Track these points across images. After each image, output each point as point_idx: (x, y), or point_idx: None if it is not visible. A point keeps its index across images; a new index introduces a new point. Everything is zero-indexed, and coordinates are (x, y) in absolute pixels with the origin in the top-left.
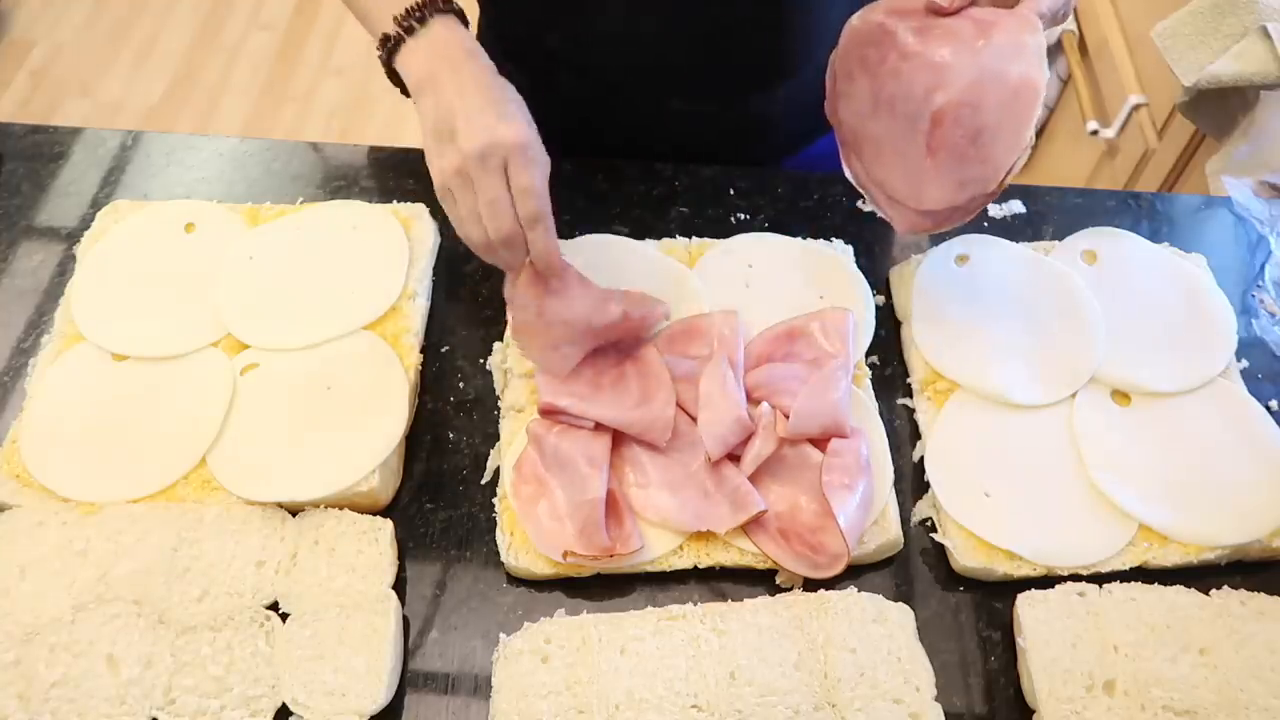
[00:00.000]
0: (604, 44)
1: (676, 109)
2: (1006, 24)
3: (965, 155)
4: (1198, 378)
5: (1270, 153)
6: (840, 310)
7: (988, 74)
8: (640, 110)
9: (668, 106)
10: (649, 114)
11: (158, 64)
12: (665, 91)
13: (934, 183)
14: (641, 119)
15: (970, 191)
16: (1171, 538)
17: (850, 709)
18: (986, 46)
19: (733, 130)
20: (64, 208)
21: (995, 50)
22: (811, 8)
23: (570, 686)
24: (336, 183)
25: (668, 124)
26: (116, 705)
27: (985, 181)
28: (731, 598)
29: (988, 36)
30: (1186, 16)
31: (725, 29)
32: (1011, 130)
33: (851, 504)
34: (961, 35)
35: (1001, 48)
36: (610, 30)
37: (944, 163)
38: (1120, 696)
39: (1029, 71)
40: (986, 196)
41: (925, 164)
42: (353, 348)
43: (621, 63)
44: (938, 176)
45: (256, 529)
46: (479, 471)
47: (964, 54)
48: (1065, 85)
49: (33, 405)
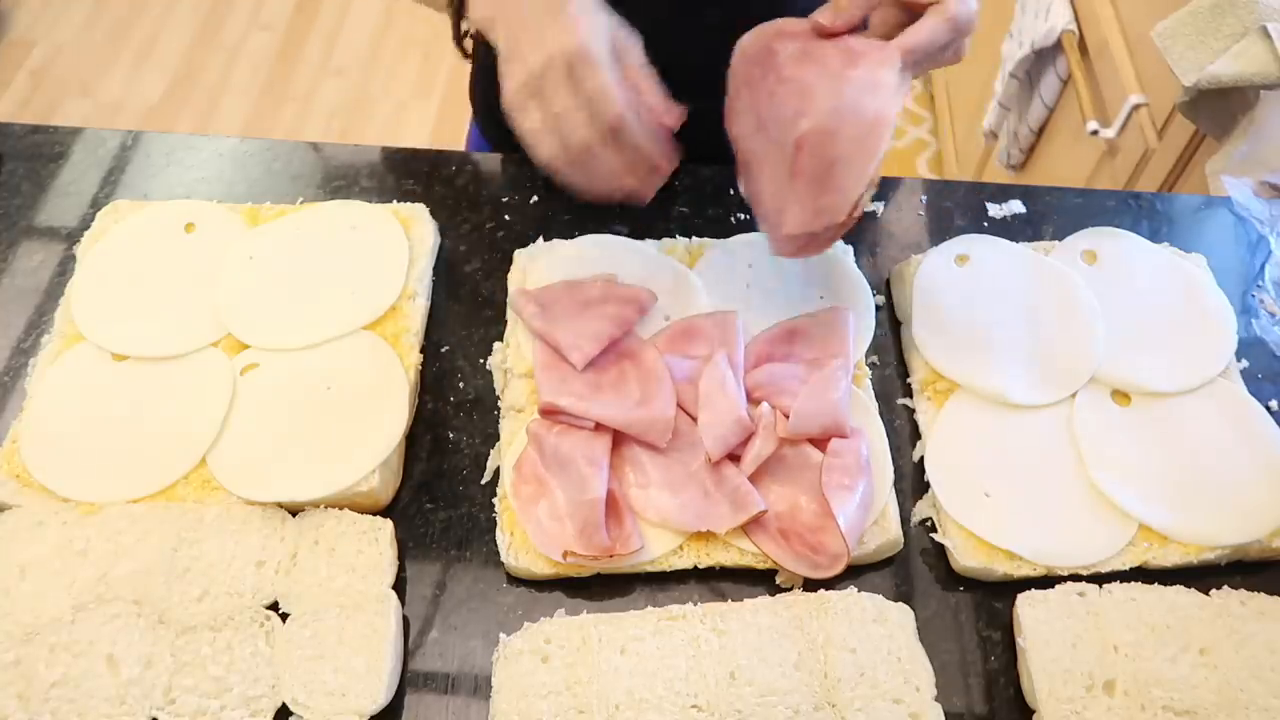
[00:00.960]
0: None
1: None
2: (870, 57)
3: (821, 182)
4: (1198, 378)
5: (1270, 153)
6: (840, 309)
7: (846, 105)
8: None
9: None
10: None
11: (158, 64)
12: (673, 90)
13: (794, 206)
14: None
15: (824, 220)
16: (1171, 538)
17: (850, 709)
18: (849, 77)
19: None
20: (64, 208)
21: (856, 82)
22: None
23: (570, 686)
24: (336, 183)
25: None
26: (116, 705)
27: (836, 211)
28: (731, 598)
29: (853, 67)
30: (1186, 16)
31: (725, 27)
32: (860, 163)
33: (851, 504)
34: (829, 64)
35: (862, 80)
36: None
37: (803, 188)
38: (1120, 696)
39: (882, 107)
40: (839, 227)
41: (788, 188)
42: (353, 348)
43: None
44: (797, 201)
45: (256, 529)
46: (479, 471)
47: (828, 82)
48: (1065, 85)
49: (33, 405)
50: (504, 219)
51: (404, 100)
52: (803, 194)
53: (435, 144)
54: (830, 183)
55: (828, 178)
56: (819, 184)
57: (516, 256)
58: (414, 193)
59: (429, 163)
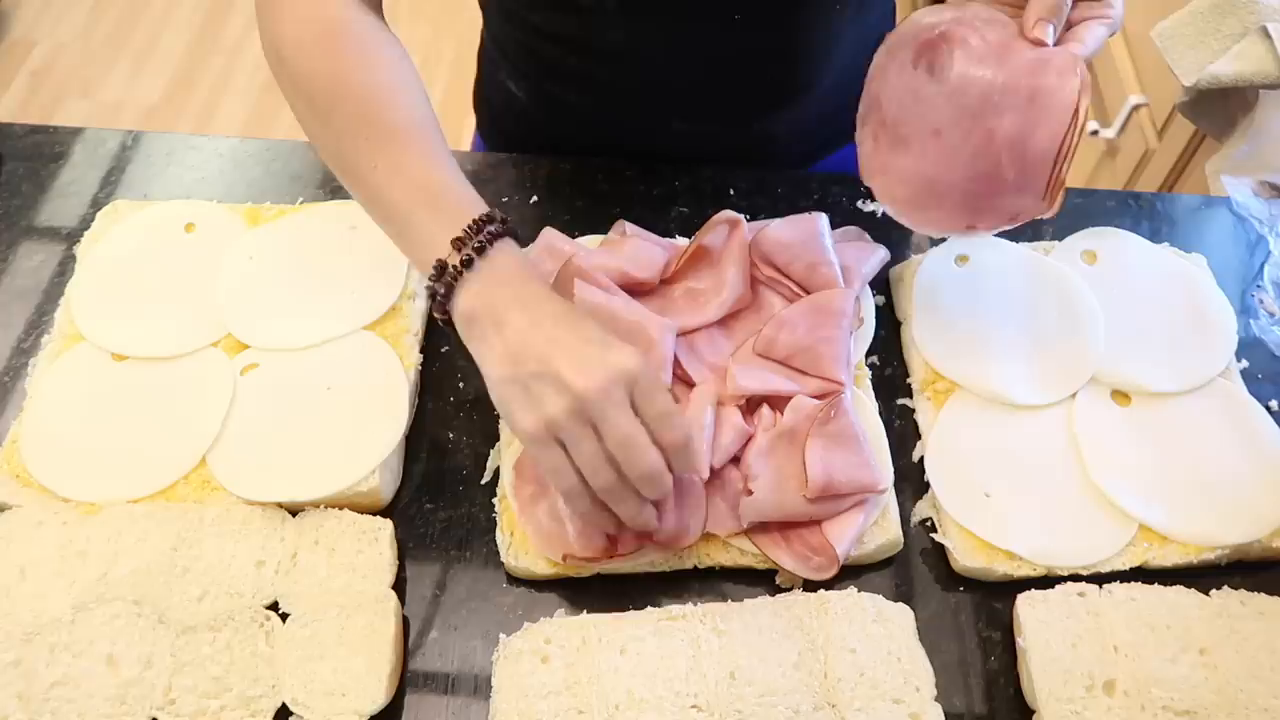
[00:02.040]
0: (605, 63)
1: (678, 129)
2: (1057, 63)
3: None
4: (1198, 378)
5: (1270, 153)
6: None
7: (1039, 109)
8: (641, 127)
9: (669, 126)
10: (650, 131)
11: (158, 64)
12: (667, 112)
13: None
14: (643, 135)
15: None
16: (1171, 538)
17: (850, 709)
18: (1042, 86)
19: (736, 150)
20: (64, 208)
21: (1047, 90)
22: (817, 36)
23: (570, 686)
24: (336, 183)
25: (669, 141)
26: (116, 705)
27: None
28: (731, 598)
29: (1043, 75)
30: (1186, 16)
31: (729, 55)
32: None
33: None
34: (1021, 63)
35: (1053, 88)
36: (611, 50)
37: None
38: (1120, 696)
39: (1065, 113)
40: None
41: (960, 170)
42: (353, 348)
43: (622, 83)
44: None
45: (256, 529)
46: (479, 471)
47: (1024, 81)
48: None
49: (33, 405)
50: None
51: None
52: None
53: None
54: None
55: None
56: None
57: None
58: None
59: None
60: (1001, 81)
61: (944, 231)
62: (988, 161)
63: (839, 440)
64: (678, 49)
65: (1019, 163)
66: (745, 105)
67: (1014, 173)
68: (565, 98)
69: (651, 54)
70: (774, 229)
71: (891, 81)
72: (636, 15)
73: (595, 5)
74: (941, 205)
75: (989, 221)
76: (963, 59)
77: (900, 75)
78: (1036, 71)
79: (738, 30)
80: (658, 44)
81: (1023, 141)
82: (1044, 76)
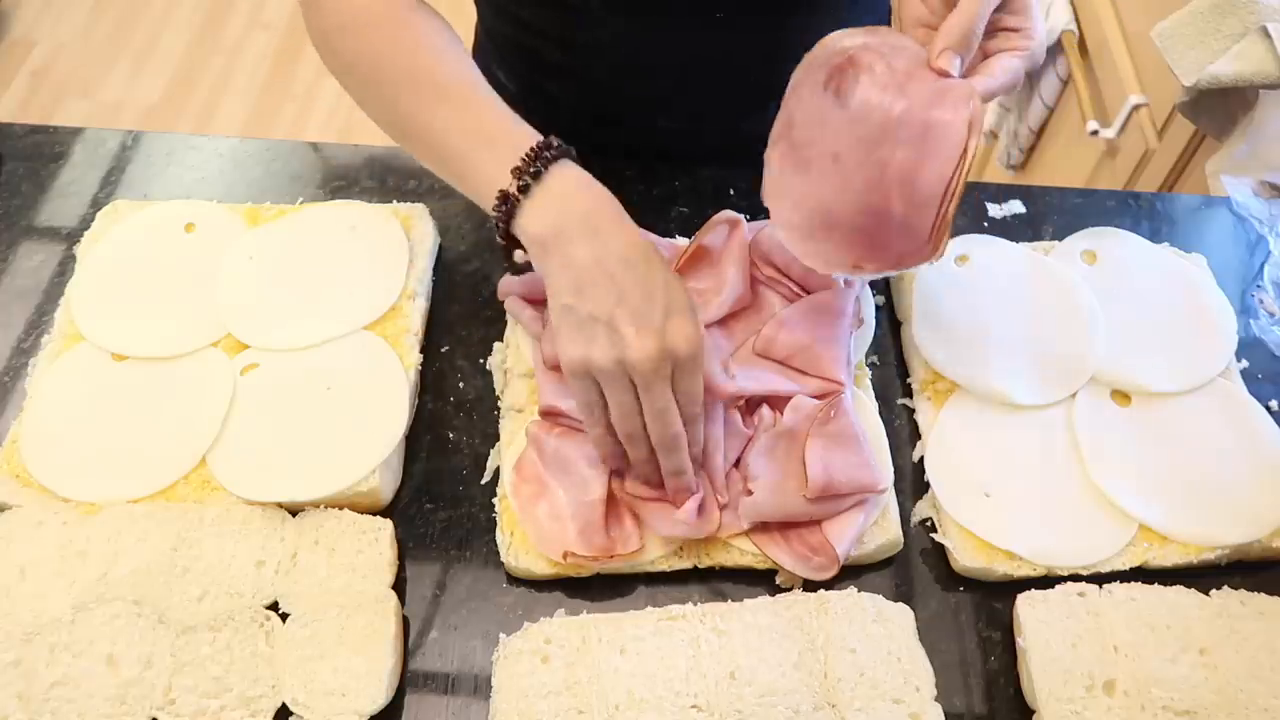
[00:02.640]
0: (589, 59)
1: (665, 126)
2: (954, 95)
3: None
4: (1198, 378)
5: (1270, 153)
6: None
7: (930, 146)
8: (628, 124)
9: (655, 123)
10: (639, 128)
11: (158, 64)
12: (652, 109)
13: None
14: (630, 132)
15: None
16: (1171, 538)
17: (850, 709)
18: (935, 119)
19: (725, 148)
20: (64, 208)
21: (940, 124)
22: (803, 37)
23: (570, 686)
24: (336, 183)
25: (657, 139)
26: (116, 705)
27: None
28: (731, 598)
29: (939, 107)
30: (1186, 16)
31: (712, 54)
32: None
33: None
34: (918, 96)
35: (946, 122)
36: (595, 46)
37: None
38: (1120, 696)
39: (955, 149)
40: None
41: (852, 200)
42: (353, 348)
43: (607, 80)
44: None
45: (256, 529)
46: (479, 471)
47: (917, 115)
48: (1065, 85)
49: (33, 405)
50: None
51: None
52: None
53: None
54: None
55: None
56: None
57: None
58: (414, 193)
59: None
60: (899, 112)
61: (831, 268)
62: (878, 194)
63: (839, 440)
64: (661, 46)
65: (907, 200)
66: (731, 104)
67: (901, 209)
68: (552, 91)
69: (635, 51)
70: (774, 229)
71: (804, 102)
72: (620, 13)
73: (580, 3)
74: (831, 236)
75: (875, 262)
76: (866, 86)
77: (812, 96)
78: (933, 104)
79: (720, 29)
80: (641, 41)
81: (912, 177)
82: (939, 110)
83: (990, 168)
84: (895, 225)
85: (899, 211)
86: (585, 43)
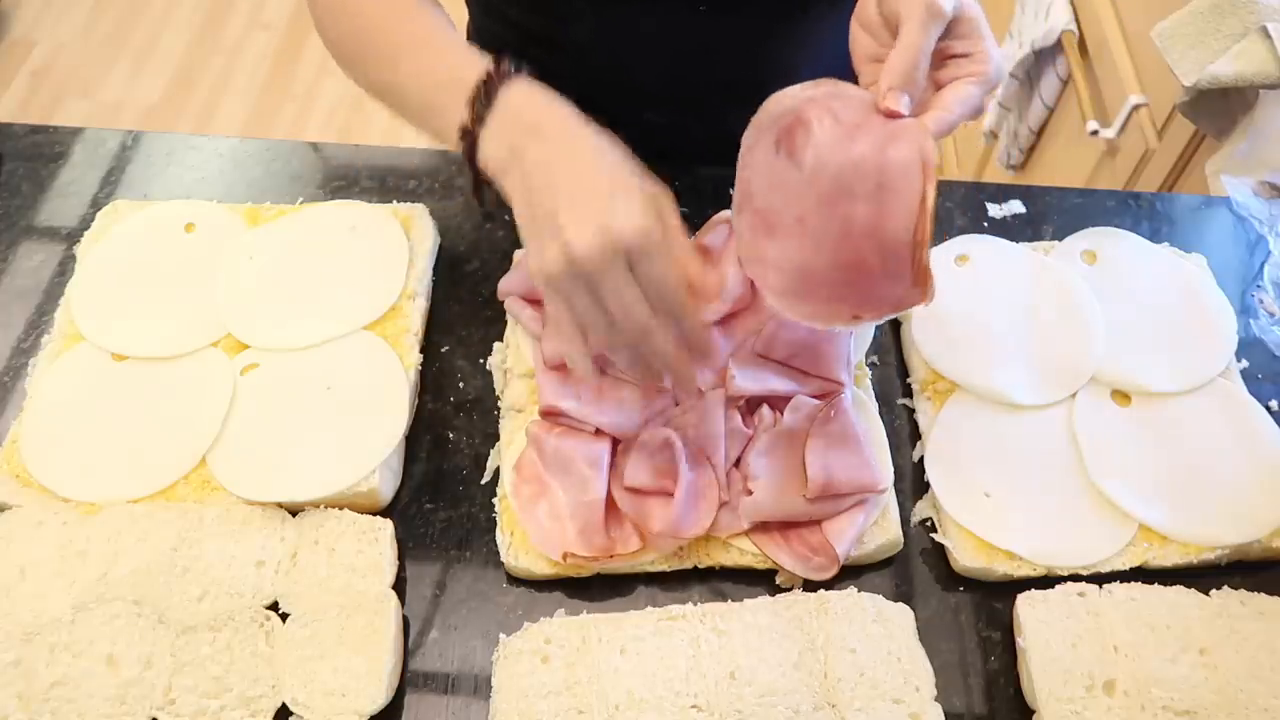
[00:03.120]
0: (575, 56)
1: (651, 120)
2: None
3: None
4: (1198, 378)
5: (1270, 153)
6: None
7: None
8: (614, 118)
9: (641, 117)
10: (623, 122)
11: (158, 64)
12: (638, 103)
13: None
14: (617, 126)
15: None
16: (1171, 538)
17: (850, 709)
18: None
19: (712, 142)
20: (64, 208)
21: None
22: (789, 30)
23: (570, 686)
24: (336, 183)
25: (644, 133)
26: (116, 705)
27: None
28: (731, 598)
29: (894, 148)
30: (1186, 16)
31: (694, 48)
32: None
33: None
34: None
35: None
36: (581, 42)
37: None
38: (1120, 696)
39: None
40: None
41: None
42: (353, 348)
43: (592, 71)
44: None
45: (256, 529)
46: (479, 471)
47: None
48: (1065, 85)
49: (33, 405)
50: (504, 219)
51: None
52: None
53: (435, 144)
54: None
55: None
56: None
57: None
58: (414, 193)
59: (429, 163)
60: (852, 165)
61: (833, 323)
62: (850, 250)
63: (839, 440)
64: (644, 40)
65: (880, 251)
66: (715, 98)
67: (878, 261)
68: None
69: (618, 44)
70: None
71: (759, 168)
72: (603, 5)
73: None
74: (818, 295)
75: (873, 311)
76: (816, 143)
77: (765, 160)
78: (885, 151)
79: (703, 22)
80: (625, 34)
81: (878, 231)
82: (892, 156)
83: (990, 168)
84: (877, 275)
85: (876, 263)
86: (570, 35)
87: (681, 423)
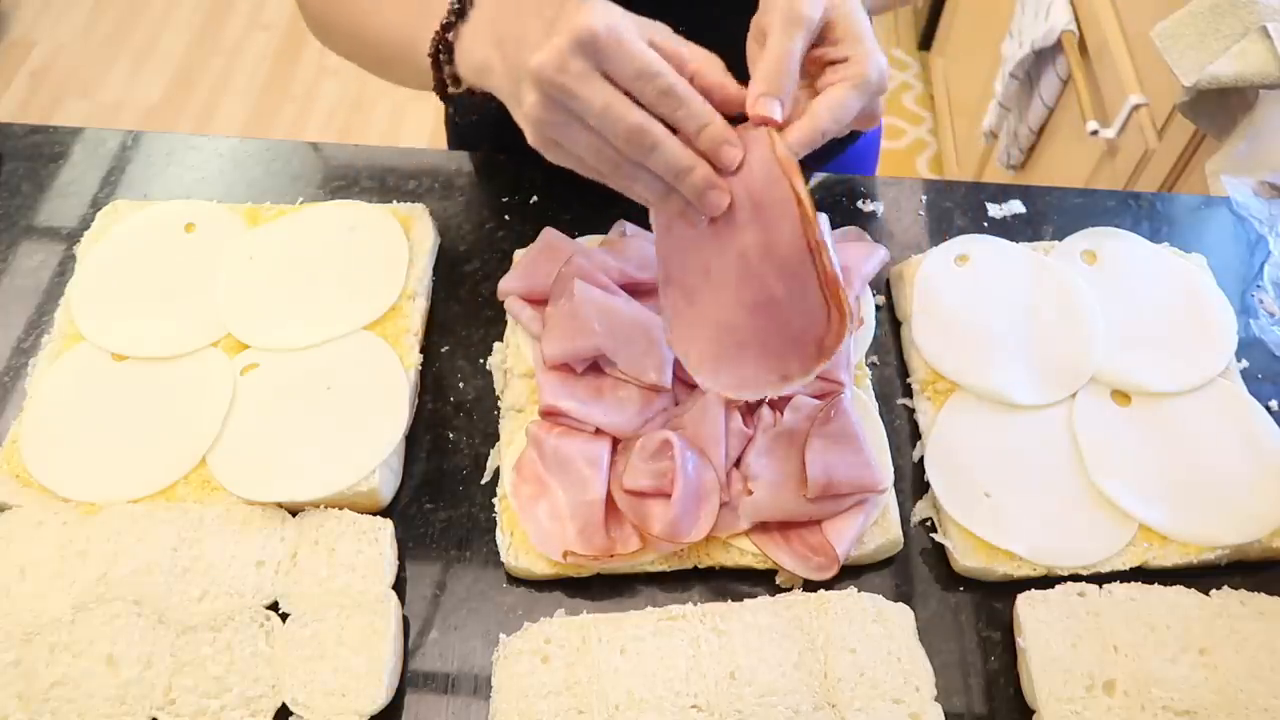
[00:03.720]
0: None
1: None
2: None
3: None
4: (1198, 378)
5: (1270, 153)
6: None
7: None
8: None
9: None
10: None
11: (158, 64)
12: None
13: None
14: None
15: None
16: (1171, 538)
17: (850, 709)
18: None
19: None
20: (64, 208)
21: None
22: None
23: (570, 686)
24: (336, 183)
25: None
26: (116, 705)
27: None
28: (731, 598)
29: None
30: (1186, 17)
31: None
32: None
33: (847, 517)
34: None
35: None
36: None
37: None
38: (1120, 696)
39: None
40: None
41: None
42: (353, 348)
43: None
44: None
45: (256, 529)
46: (479, 471)
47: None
48: (1065, 85)
49: (33, 405)
50: (504, 219)
51: (403, 100)
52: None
53: (435, 144)
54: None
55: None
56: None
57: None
58: (414, 193)
59: (429, 163)
60: (732, 197)
61: (764, 388)
62: (754, 285)
63: (839, 440)
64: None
65: (780, 275)
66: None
67: (782, 288)
68: None
69: None
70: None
71: (672, 240)
72: None
73: None
74: (745, 353)
75: (799, 359)
76: None
77: (672, 232)
78: (747, 165)
79: (697, 30)
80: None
81: (771, 252)
82: (754, 169)
83: (990, 168)
84: (788, 307)
85: (781, 291)
86: None
87: (681, 423)
